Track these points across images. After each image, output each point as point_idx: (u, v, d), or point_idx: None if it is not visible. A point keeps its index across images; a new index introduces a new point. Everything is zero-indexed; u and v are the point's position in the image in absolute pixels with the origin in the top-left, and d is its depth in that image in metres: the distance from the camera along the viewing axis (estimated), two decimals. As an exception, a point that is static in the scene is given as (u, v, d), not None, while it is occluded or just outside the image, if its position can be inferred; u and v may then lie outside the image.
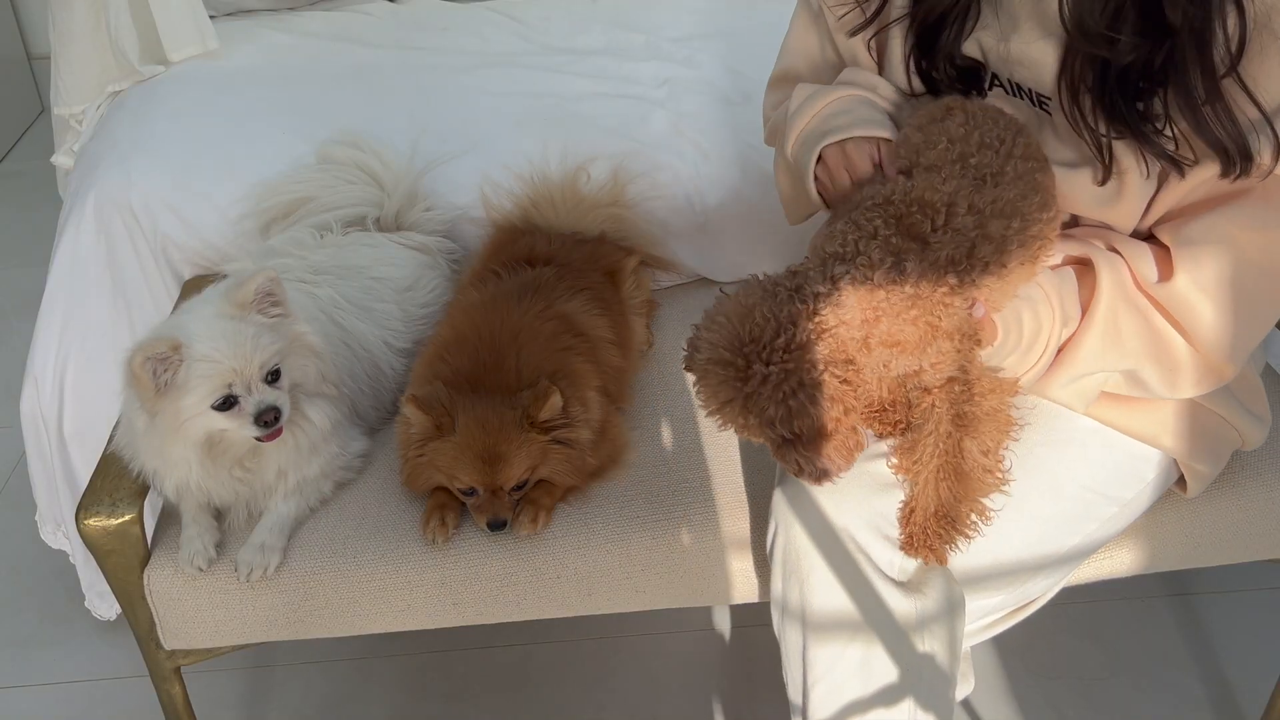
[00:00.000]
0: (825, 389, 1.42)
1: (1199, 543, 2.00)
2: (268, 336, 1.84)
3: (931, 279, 1.46)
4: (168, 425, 1.81)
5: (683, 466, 2.03)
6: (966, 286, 1.49)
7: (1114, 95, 1.55)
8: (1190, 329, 1.61)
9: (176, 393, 1.78)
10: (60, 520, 2.54)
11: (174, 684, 2.04)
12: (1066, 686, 2.49)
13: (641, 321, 2.29)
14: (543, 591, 1.93)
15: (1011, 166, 1.57)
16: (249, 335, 1.82)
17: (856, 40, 1.86)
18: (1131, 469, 1.80)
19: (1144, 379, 1.68)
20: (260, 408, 1.82)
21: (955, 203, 1.51)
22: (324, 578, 1.90)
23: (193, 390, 1.78)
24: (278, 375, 1.86)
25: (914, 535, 1.68)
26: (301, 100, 2.79)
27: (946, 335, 1.48)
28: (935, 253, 1.48)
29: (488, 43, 3.16)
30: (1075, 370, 1.68)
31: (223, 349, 1.79)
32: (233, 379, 1.80)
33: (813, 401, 1.41)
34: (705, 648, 2.61)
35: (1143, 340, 1.64)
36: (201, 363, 1.78)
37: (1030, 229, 1.55)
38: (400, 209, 2.42)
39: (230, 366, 1.79)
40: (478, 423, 1.85)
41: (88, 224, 2.43)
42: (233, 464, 1.90)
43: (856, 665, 1.74)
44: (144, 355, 1.74)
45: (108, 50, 2.85)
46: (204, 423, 1.82)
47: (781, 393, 1.40)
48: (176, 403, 1.79)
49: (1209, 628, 2.61)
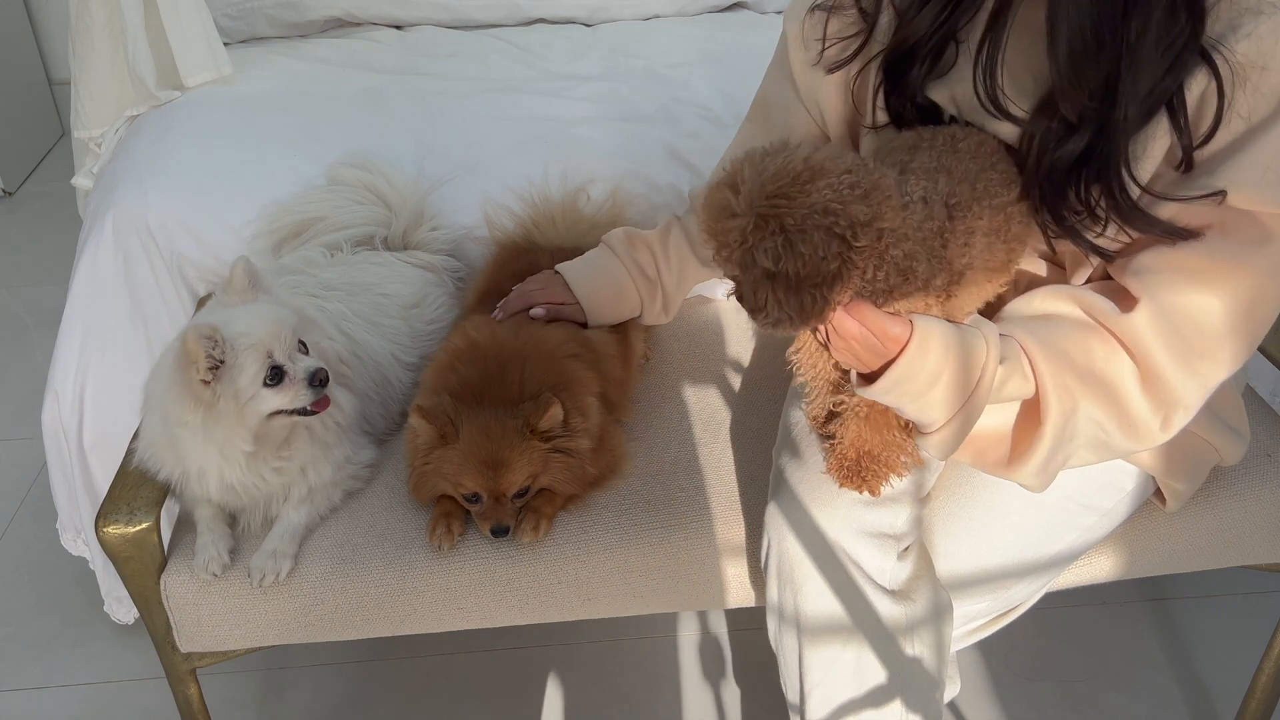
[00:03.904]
0: (827, 243, 1.38)
1: (1175, 550, 2.00)
2: (283, 309, 1.89)
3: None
4: (229, 412, 1.82)
5: (679, 476, 2.03)
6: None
7: (1051, 185, 1.53)
8: (1145, 361, 1.55)
9: (230, 376, 1.80)
10: (80, 528, 2.54)
11: (190, 685, 2.04)
12: (1048, 688, 2.49)
13: (640, 335, 2.29)
14: (544, 596, 1.93)
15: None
16: (268, 309, 1.87)
17: (827, 80, 1.81)
18: (1110, 480, 1.80)
19: (1109, 439, 1.62)
20: (310, 369, 1.85)
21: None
22: (334, 583, 1.90)
23: (245, 367, 1.80)
24: (305, 348, 1.89)
25: (845, 468, 1.71)
26: (312, 124, 2.79)
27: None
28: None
29: (491, 69, 3.17)
30: (1038, 457, 1.62)
31: (254, 324, 1.82)
32: (273, 345, 1.83)
33: (808, 245, 1.38)
34: (703, 650, 2.61)
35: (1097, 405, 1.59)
36: (242, 338, 1.81)
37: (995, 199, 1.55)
38: (407, 228, 2.43)
39: (266, 332, 1.82)
40: (481, 431, 1.85)
41: (106, 243, 2.43)
42: (272, 455, 1.90)
43: (851, 669, 1.75)
44: (196, 333, 1.76)
45: (126, 76, 2.86)
46: (260, 405, 1.83)
47: (783, 225, 1.38)
48: (233, 385, 1.80)
49: (1185, 632, 2.62)
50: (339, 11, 3.43)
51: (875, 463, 1.69)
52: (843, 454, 1.71)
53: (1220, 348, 1.52)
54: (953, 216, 1.51)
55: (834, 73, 1.78)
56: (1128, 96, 1.43)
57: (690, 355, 2.34)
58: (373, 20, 3.49)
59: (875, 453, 1.69)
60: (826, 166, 1.40)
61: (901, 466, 1.70)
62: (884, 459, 1.69)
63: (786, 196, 1.38)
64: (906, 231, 1.45)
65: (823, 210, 1.37)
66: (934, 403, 1.55)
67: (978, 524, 1.83)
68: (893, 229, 1.42)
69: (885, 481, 1.70)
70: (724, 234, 1.42)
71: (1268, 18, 1.41)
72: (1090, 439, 1.60)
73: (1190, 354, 1.52)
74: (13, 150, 4.85)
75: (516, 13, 3.51)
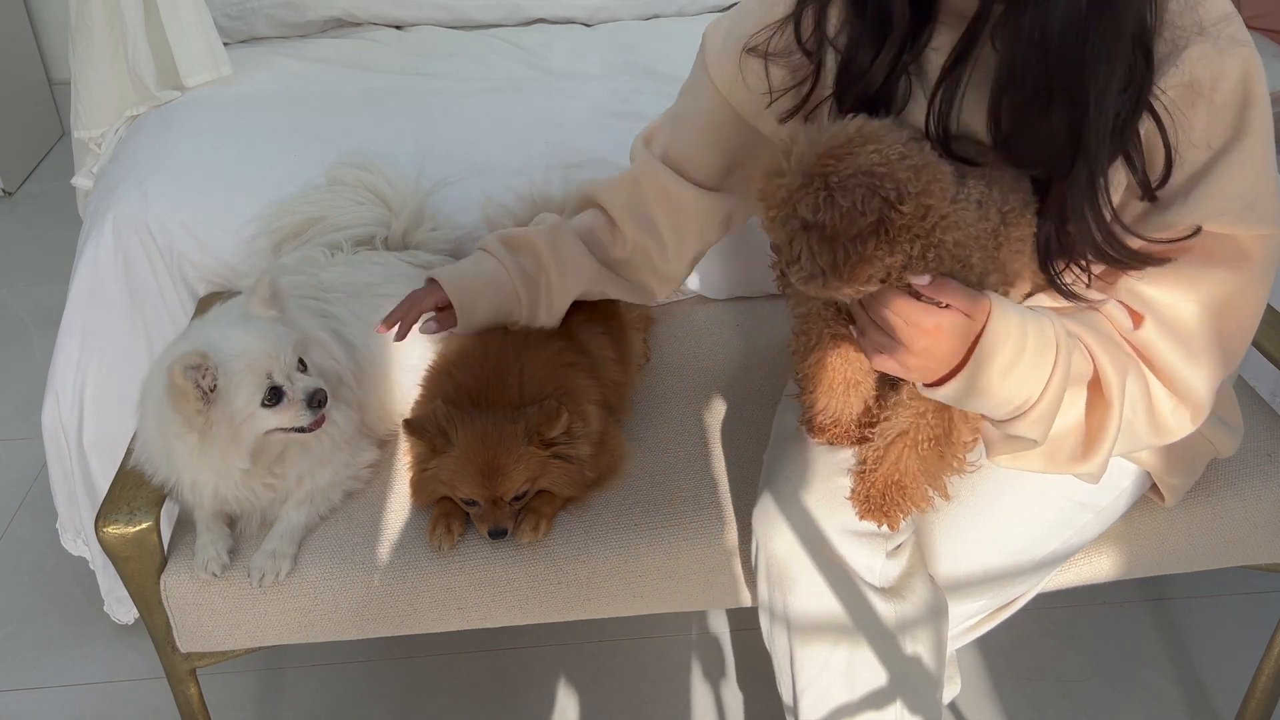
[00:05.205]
0: (867, 199, 1.38)
1: (1175, 549, 2.00)
2: (285, 327, 1.88)
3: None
4: (224, 435, 1.81)
5: (678, 476, 2.04)
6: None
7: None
8: (1159, 364, 1.57)
9: (223, 400, 1.79)
10: (80, 528, 2.54)
11: (189, 685, 2.04)
12: (1048, 689, 2.49)
13: (639, 336, 2.29)
14: (544, 596, 1.93)
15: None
16: (269, 327, 1.85)
17: (768, 115, 1.80)
18: (1107, 478, 1.80)
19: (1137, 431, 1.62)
20: (309, 390, 1.84)
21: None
22: (333, 583, 1.90)
23: (240, 389, 1.79)
24: (305, 367, 1.88)
25: (871, 499, 1.69)
26: (312, 124, 2.79)
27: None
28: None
29: (491, 69, 3.17)
30: (1111, 434, 1.59)
31: (253, 343, 1.81)
32: (271, 366, 1.81)
33: (847, 199, 1.38)
34: (702, 650, 2.61)
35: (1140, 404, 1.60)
36: (238, 358, 1.79)
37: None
38: (407, 229, 2.42)
39: (265, 352, 1.81)
40: (478, 437, 1.85)
41: (106, 243, 2.43)
42: (264, 471, 1.90)
43: (842, 670, 1.74)
44: (182, 365, 1.74)
45: (126, 76, 2.86)
46: (257, 425, 1.82)
47: (827, 181, 1.38)
48: (228, 408, 1.79)
49: (1185, 631, 2.62)
50: (339, 11, 3.43)
51: (902, 496, 1.68)
52: (872, 484, 1.71)
53: (1215, 352, 1.55)
54: (1007, 223, 1.50)
55: (785, 121, 1.76)
56: (1094, 135, 1.43)
57: (690, 357, 2.34)
58: (372, 20, 3.48)
59: (905, 485, 1.68)
60: (880, 135, 1.41)
61: (926, 502, 1.70)
62: (911, 493, 1.68)
63: (835, 157, 1.39)
64: (958, 221, 1.44)
65: (867, 171, 1.38)
66: (1028, 369, 1.49)
67: (974, 523, 1.82)
68: (941, 213, 1.42)
69: (907, 516, 1.70)
70: (771, 194, 1.43)
71: (1196, 45, 1.43)
72: (1126, 422, 1.59)
73: (1192, 358, 1.55)
74: (13, 150, 4.85)
75: (517, 13, 3.51)
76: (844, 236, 1.39)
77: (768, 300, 2.50)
